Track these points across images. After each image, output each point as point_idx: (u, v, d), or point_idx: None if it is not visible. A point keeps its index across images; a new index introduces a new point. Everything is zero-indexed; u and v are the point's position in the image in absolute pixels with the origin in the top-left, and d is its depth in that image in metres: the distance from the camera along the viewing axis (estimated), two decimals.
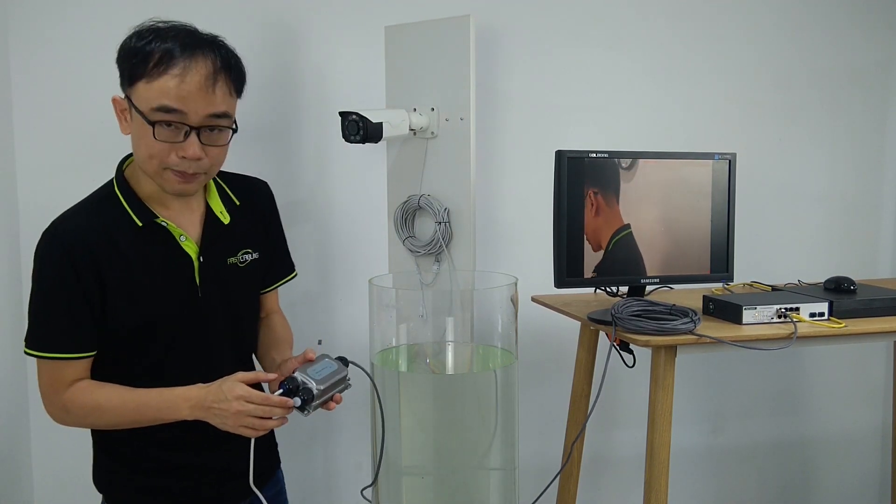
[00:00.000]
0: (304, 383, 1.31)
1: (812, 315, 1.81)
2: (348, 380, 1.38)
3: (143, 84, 1.26)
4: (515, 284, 1.63)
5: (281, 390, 1.32)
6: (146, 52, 1.26)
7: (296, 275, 1.70)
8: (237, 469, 1.40)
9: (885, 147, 2.77)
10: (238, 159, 2.19)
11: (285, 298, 2.30)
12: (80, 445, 2.16)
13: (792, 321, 1.77)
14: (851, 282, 2.00)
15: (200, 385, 1.32)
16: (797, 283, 2.21)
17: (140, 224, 1.33)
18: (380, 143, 1.99)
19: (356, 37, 2.24)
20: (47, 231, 1.33)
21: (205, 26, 1.39)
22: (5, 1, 2.01)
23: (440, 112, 2.04)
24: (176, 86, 1.24)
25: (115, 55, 1.35)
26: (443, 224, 2.05)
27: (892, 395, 2.63)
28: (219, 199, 1.46)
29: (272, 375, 1.35)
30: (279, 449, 1.69)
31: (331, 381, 1.34)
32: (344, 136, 1.94)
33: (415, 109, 2.06)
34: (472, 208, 2.04)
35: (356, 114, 1.91)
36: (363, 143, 1.93)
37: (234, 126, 1.35)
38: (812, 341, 1.79)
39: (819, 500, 2.90)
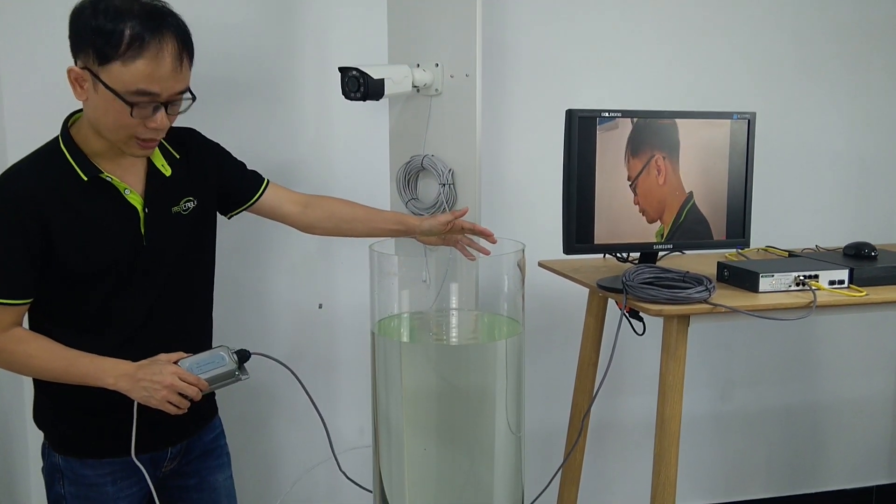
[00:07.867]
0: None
1: (832, 283, 1.75)
2: (237, 374, 1.50)
3: (117, 66, 1.34)
4: (523, 251, 1.58)
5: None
6: (116, 34, 1.33)
7: (268, 181, 1.77)
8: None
9: None
10: (234, 117, 2.14)
11: (285, 260, 2.27)
12: None
13: (811, 289, 1.71)
14: (872, 247, 1.93)
15: (133, 362, 1.45)
16: (814, 248, 2.15)
17: (85, 179, 1.43)
18: (381, 100, 1.97)
19: None
20: None
21: None
22: None
23: (445, 68, 1.99)
24: (152, 71, 1.35)
25: None
26: (447, 186, 2.01)
27: None
28: (160, 154, 1.56)
29: (184, 354, 1.48)
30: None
31: (214, 376, 1.47)
32: (344, 93, 1.91)
33: (418, 65, 2.01)
34: (478, 169, 2.00)
35: (356, 69, 1.88)
36: (364, 100, 1.91)
37: (192, 95, 1.45)
38: (832, 310, 1.73)
39: (829, 467, 2.88)
